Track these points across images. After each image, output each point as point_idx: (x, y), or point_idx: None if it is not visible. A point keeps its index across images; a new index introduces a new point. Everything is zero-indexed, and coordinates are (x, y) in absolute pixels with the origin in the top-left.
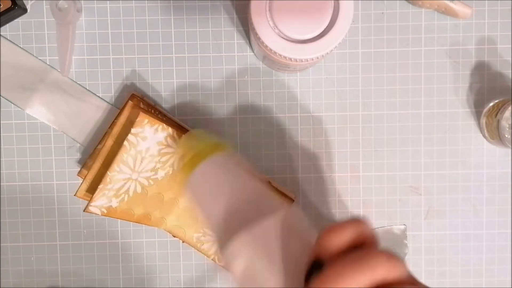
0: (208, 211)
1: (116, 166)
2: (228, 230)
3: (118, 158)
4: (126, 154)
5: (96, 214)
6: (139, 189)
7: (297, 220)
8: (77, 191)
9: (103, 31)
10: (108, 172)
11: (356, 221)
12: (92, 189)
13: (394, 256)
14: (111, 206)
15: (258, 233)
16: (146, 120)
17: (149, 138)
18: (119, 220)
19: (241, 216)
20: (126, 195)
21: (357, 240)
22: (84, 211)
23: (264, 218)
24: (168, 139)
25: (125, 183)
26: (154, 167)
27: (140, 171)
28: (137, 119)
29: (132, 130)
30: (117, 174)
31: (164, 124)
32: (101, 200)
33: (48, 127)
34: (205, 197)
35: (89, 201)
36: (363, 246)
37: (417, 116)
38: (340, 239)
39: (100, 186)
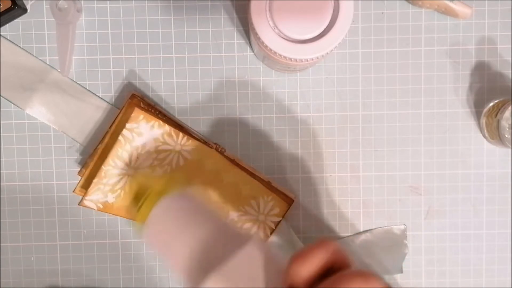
0: (173, 255)
1: (111, 160)
2: (197, 270)
3: (113, 152)
4: (121, 149)
5: (91, 208)
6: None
7: (266, 250)
8: (75, 188)
9: (103, 31)
10: (102, 167)
11: (322, 244)
12: (87, 184)
13: (369, 274)
14: (107, 201)
15: (229, 270)
16: (142, 116)
17: (145, 135)
18: (119, 219)
19: (209, 253)
20: (122, 191)
21: (328, 263)
22: (79, 204)
23: (234, 254)
24: (165, 136)
25: (121, 178)
26: (151, 164)
27: (136, 167)
28: (132, 115)
29: (127, 125)
30: (112, 169)
31: (161, 121)
32: (96, 195)
33: (48, 127)
34: (167, 239)
35: (84, 195)
36: (336, 266)
37: (417, 116)
38: (310, 268)
39: (95, 180)
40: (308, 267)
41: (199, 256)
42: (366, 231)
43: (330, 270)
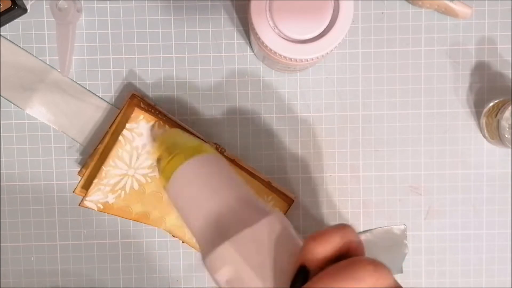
0: (191, 216)
1: (111, 161)
2: (213, 236)
3: (113, 153)
4: (121, 150)
5: (92, 209)
6: (136, 186)
7: (283, 227)
8: (75, 188)
9: (103, 31)
10: (103, 167)
11: (342, 228)
12: (88, 184)
13: (380, 265)
14: (107, 202)
15: (243, 241)
16: (142, 116)
17: (145, 135)
18: (119, 219)
19: (227, 221)
20: (123, 191)
21: (343, 248)
22: (79, 205)
23: (253, 223)
24: None
25: (121, 179)
26: (151, 165)
27: (137, 168)
28: (132, 115)
29: (127, 126)
30: (112, 169)
31: (161, 121)
32: (97, 195)
33: (48, 127)
34: (187, 202)
35: (84, 195)
36: (349, 254)
37: (417, 116)
38: (326, 247)
39: (95, 181)
40: (325, 247)
41: (218, 220)
42: (366, 231)
43: (345, 255)
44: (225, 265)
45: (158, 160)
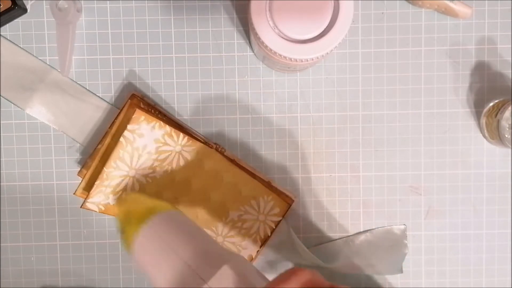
0: (156, 281)
1: (112, 162)
2: None
3: (115, 154)
4: (122, 151)
5: (93, 210)
6: (136, 187)
7: (239, 275)
8: (76, 189)
9: (103, 31)
10: (104, 168)
11: (294, 274)
12: (89, 186)
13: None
14: (109, 203)
15: None
16: (143, 117)
17: (146, 136)
18: None
19: (190, 276)
20: (124, 192)
21: None
22: (81, 207)
23: (207, 279)
24: (166, 137)
25: (123, 180)
26: (152, 165)
27: (138, 169)
28: (133, 116)
29: (128, 127)
30: (113, 171)
31: (161, 122)
32: (98, 197)
33: (48, 127)
34: (150, 268)
35: (86, 197)
36: None
37: (417, 116)
38: None
39: (97, 182)
40: None
41: (180, 281)
42: (366, 231)
43: None
44: None
45: (122, 232)
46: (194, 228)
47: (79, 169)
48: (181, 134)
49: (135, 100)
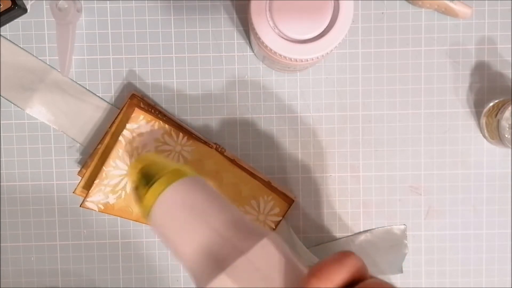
0: (180, 248)
1: (111, 161)
2: (207, 267)
3: (114, 153)
4: (121, 150)
5: (93, 209)
6: None
7: (279, 249)
8: (75, 188)
9: (103, 31)
10: (103, 167)
11: (345, 260)
12: (88, 185)
13: (386, 286)
14: (108, 202)
15: (239, 270)
16: (142, 116)
17: (145, 135)
18: (119, 219)
19: (220, 248)
20: (123, 192)
21: (348, 279)
22: (80, 206)
23: (247, 249)
24: (165, 136)
25: (122, 179)
26: None
27: None
28: (132, 115)
29: (127, 126)
30: (113, 170)
31: (161, 121)
32: (98, 196)
33: (48, 127)
34: (174, 232)
35: (85, 196)
36: (354, 281)
37: (417, 116)
38: (330, 284)
39: (96, 181)
40: (328, 284)
41: (211, 250)
42: (366, 231)
43: (349, 283)
44: None
45: (136, 188)
46: (223, 198)
47: (79, 169)
48: (181, 134)
49: (135, 100)
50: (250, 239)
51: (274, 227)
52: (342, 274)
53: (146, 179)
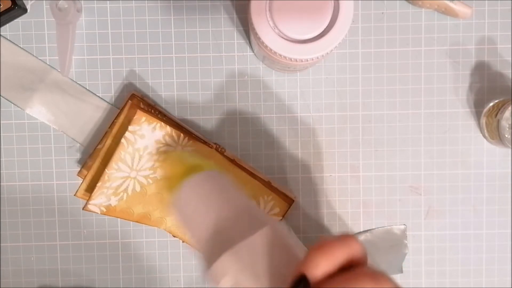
0: (194, 230)
1: (114, 164)
2: (214, 248)
3: (116, 156)
4: (123, 152)
5: (95, 212)
6: (138, 188)
7: (279, 236)
8: (77, 191)
9: (103, 31)
10: (106, 170)
11: (346, 241)
12: (91, 188)
13: (380, 275)
14: (110, 204)
15: (244, 250)
16: (144, 118)
17: (147, 136)
18: (119, 220)
19: (227, 233)
20: (125, 194)
21: (347, 260)
22: (83, 209)
23: (250, 235)
24: (166, 137)
25: (124, 181)
26: (152, 166)
27: (139, 170)
28: (134, 117)
29: (130, 128)
30: (115, 172)
31: (162, 123)
32: (100, 199)
33: (48, 127)
34: (192, 214)
35: (88, 199)
36: (352, 263)
37: (417, 116)
38: (329, 261)
39: (99, 184)
40: (328, 260)
41: (218, 234)
42: (366, 231)
43: (347, 265)
44: (226, 275)
45: (165, 177)
46: (235, 190)
47: (79, 169)
48: (182, 134)
49: (135, 100)
50: (254, 226)
51: None
52: (343, 252)
53: (175, 169)
